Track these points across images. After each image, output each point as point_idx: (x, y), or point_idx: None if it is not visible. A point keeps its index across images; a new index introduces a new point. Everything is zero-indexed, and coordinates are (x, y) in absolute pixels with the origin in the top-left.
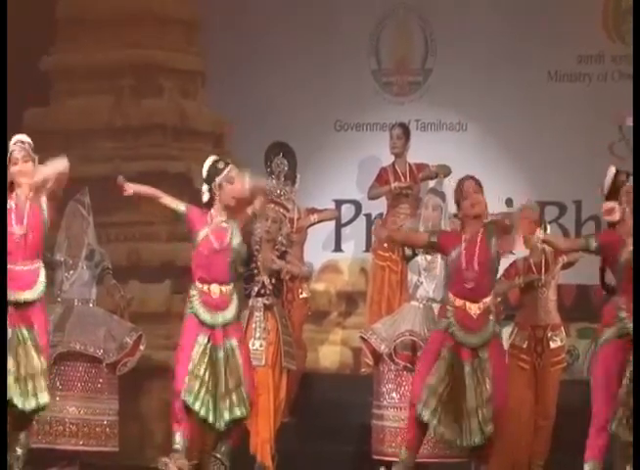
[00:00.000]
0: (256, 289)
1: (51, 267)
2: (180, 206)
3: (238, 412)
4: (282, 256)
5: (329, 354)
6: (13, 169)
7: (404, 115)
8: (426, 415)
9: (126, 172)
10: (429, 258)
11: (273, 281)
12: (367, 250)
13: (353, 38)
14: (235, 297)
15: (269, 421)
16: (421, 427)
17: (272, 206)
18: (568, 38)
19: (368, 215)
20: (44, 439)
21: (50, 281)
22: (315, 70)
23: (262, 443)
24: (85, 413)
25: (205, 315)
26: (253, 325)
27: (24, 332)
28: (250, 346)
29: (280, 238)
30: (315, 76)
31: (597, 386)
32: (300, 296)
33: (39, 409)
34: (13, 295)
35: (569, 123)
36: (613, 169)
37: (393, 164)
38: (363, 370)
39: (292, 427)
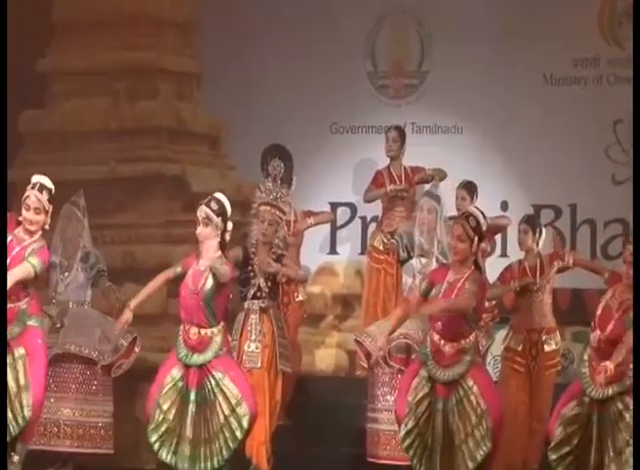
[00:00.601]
0: (252, 291)
1: (46, 269)
2: (177, 268)
3: (238, 434)
4: (278, 258)
5: (324, 357)
6: (24, 214)
7: (400, 117)
8: (405, 443)
9: (122, 175)
10: (423, 260)
11: (269, 284)
12: (362, 252)
13: (349, 41)
14: (218, 339)
15: (265, 424)
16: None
17: (268, 208)
18: (563, 41)
19: (363, 218)
20: (38, 440)
21: (45, 283)
22: (311, 73)
23: (258, 445)
24: (80, 415)
25: (182, 353)
26: (249, 328)
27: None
28: (245, 348)
29: (276, 241)
30: (311, 79)
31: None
32: (296, 299)
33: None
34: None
35: (564, 126)
36: None
37: (389, 166)
38: (358, 373)
39: (287, 429)
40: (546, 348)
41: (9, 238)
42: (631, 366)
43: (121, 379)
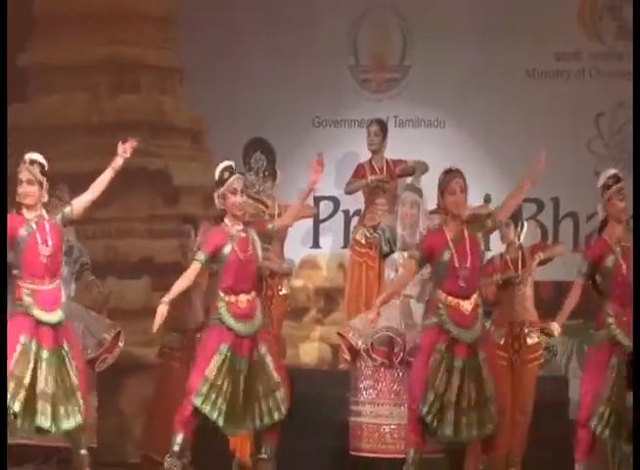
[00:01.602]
0: None
1: None
2: (200, 256)
3: (276, 416)
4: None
5: (308, 351)
6: (18, 190)
7: (382, 111)
8: (424, 410)
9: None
10: (405, 254)
11: None
12: (345, 246)
13: (331, 35)
14: (259, 303)
15: None
16: (424, 425)
17: (251, 202)
18: (545, 36)
19: (346, 212)
20: (21, 434)
21: None
22: (293, 67)
23: (242, 440)
24: None
25: (238, 325)
26: None
27: (54, 351)
28: None
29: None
30: (293, 72)
31: (583, 385)
32: (280, 292)
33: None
34: (40, 315)
35: (546, 120)
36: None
37: (370, 160)
38: (342, 366)
39: None
40: (529, 341)
41: (25, 231)
42: None
43: (105, 373)
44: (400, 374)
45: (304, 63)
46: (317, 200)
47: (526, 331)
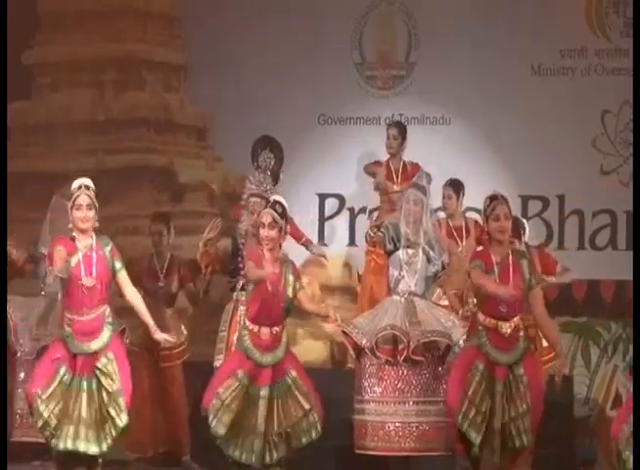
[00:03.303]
0: (241, 283)
1: (35, 261)
2: (261, 273)
3: (314, 435)
4: None
5: (312, 348)
6: (76, 215)
7: (388, 108)
8: (464, 425)
9: (109, 166)
10: (410, 252)
11: None
12: (350, 244)
13: (337, 32)
14: (285, 334)
15: None
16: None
17: (259, 200)
18: (551, 32)
19: (351, 209)
20: (27, 432)
21: (34, 275)
22: (299, 64)
23: None
24: None
25: (256, 355)
26: (238, 318)
27: (94, 381)
28: (234, 339)
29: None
30: (299, 70)
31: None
32: None
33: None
34: (79, 346)
35: (552, 117)
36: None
37: (388, 161)
38: (349, 365)
39: None
40: (544, 343)
41: (78, 256)
42: None
43: None
44: (404, 372)
45: (310, 60)
46: (322, 197)
47: (541, 334)
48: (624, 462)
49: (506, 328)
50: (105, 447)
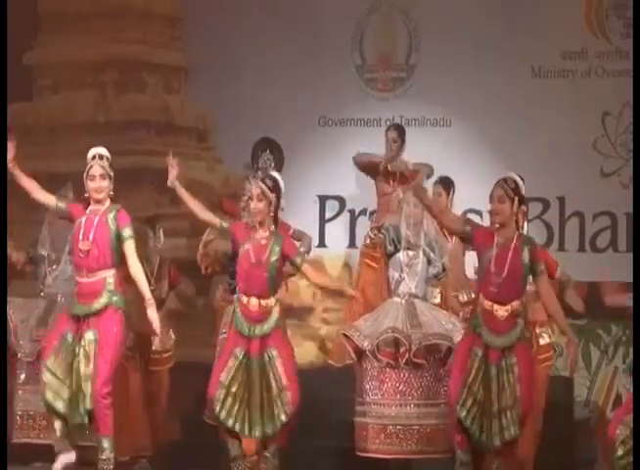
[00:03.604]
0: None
1: (34, 262)
2: (224, 223)
3: (283, 418)
4: None
5: (312, 349)
6: (90, 185)
7: (388, 110)
8: (462, 414)
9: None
10: (410, 253)
11: None
12: (351, 245)
13: (337, 34)
14: (276, 309)
15: None
16: (464, 426)
17: None
18: (551, 34)
19: (352, 211)
20: (28, 433)
21: (33, 276)
22: (299, 66)
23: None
24: None
25: (243, 326)
26: None
27: (84, 337)
28: None
29: None
30: (299, 72)
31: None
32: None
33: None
34: (78, 307)
35: (552, 119)
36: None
37: (387, 163)
38: (348, 361)
39: None
40: (541, 341)
41: (82, 219)
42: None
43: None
44: (406, 375)
45: (310, 62)
46: (323, 199)
47: (538, 331)
48: (617, 459)
49: (502, 312)
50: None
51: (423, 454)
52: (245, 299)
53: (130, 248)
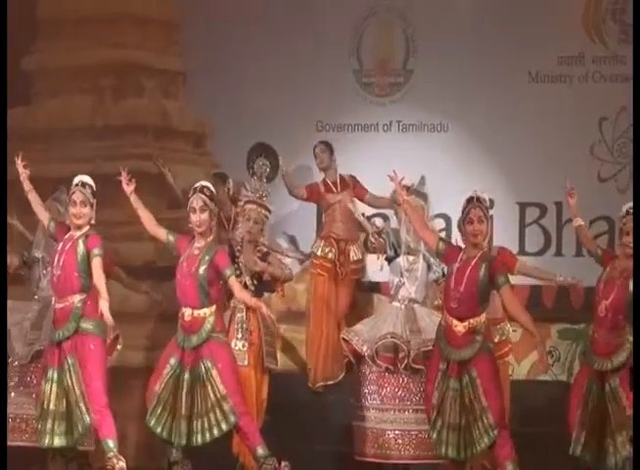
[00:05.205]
0: None
1: (28, 265)
2: (170, 236)
3: (224, 427)
4: (264, 257)
5: None
6: (71, 210)
7: (385, 115)
8: (433, 435)
9: (107, 172)
10: (410, 258)
11: (255, 282)
12: None
13: (334, 39)
14: (211, 320)
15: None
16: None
17: (254, 207)
18: (548, 39)
19: None
20: (24, 437)
21: (27, 279)
22: (297, 71)
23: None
24: None
25: (180, 337)
26: (235, 326)
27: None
28: (232, 346)
29: (262, 239)
30: (297, 77)
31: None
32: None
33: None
34: (52, 333)
35: (549, 124)
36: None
37: (324, 177)
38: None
39: (273, 427)
40: (496, 339)
41: (60, 244)
42: (630, 339)
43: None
44: (405, 380)
45: (308, 67)
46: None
47: (496, 328)
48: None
49: (460, 328)
50: (70, 442)
51: (421, 459)
52: (182, 309)
53: (96, 264)
